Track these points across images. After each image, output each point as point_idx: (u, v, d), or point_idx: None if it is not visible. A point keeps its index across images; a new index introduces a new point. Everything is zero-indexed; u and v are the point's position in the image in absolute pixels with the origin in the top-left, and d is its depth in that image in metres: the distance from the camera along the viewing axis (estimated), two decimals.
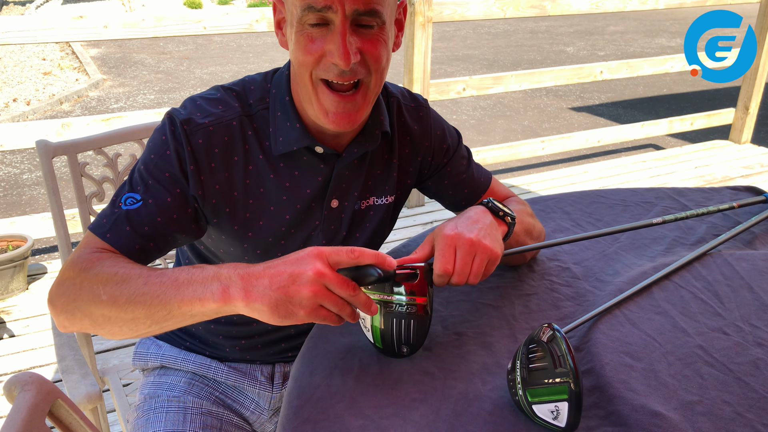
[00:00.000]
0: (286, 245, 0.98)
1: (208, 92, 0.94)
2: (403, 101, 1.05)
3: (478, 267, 0.84)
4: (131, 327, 0.77)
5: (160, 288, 0.74)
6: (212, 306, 0.72)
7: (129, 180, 0.89)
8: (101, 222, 0.86)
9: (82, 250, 0.84)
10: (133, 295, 0.75)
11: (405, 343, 0.82)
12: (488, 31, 10.98)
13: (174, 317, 0.74)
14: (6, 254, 2.48)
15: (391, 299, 0.80)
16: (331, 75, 0.84)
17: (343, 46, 0.80)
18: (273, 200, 0.94)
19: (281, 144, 0.92)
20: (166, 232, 0.88)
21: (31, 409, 0.64)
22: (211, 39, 9.92)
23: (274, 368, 1.13)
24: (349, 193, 0.99)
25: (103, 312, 0.77)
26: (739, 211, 1.29)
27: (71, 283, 0.79)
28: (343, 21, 0.80)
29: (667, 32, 11.09)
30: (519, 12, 3.39)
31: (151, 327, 0.76)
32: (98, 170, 3.86)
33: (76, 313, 0.79)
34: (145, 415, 1.04)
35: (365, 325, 0.84)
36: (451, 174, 1.09)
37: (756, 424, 0.72)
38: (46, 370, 2.13)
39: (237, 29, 2.82)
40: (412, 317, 0.81)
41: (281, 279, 0.70)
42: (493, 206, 0.93)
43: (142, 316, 0.75)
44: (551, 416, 0.70)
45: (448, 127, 1.10)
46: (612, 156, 4.57)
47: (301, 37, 0.83)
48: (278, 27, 0.91)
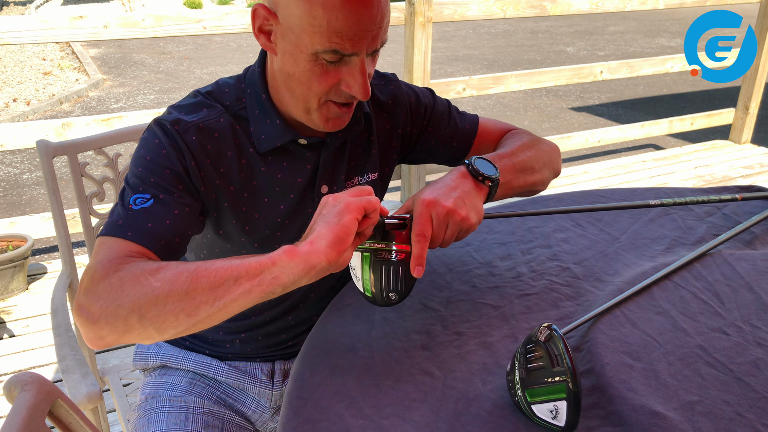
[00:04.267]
0: (282, 237, 1.00)
1: (187, 98, 0.95)
2: (374, 82, 1.07)
3: (450, 235, 0.86)
4: (188, 313, 0.69)
5: (216, 263, 0.70)
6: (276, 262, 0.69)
7: (127, 185, 0.85)
8: (117, 224, 0.79)
9: (104, 255, 0.75)
10: (191, 274, 0.69)
11: (393, 290, 0.84)
12: (488, 31, 10.98)
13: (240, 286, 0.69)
14: (6, 254, 2.48)
15: (381, 246, 0.83)
16: (342, 99, 0.87)
17: (365, 82, 0.84)
18: (266, 192, 0.96)
19: (264, 142, 0.93)
20: (184, 225, 0.84)
21: (31, 409, 0.64)
22: (211, 39, 9.92)
23: (274, 366, 1.13)
24: (336, 177, 1.01)
25: (158, 298, 0.68)
26: (739, 210, 1.29)
27: (107, 284, 0.71)
28: (363, 59, 0.84)
29: (667, 32, 11.09)
30: (519, 12, 3.39)
31: (211, 311, 0.69)
32: (98, 170, 3.86)
33: (119, 312, 0.69)
34: (146, 415, 1.04)
35: (356, 275, 0.86)
36: (434, 133, 1.11)
37: (756, 424, 0.72)
38: (46, 370, 2.13)
39: (237, 29, 2.82)
40: (401, 264, 0.83)
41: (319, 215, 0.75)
42: (473, 170, 0.92)
43: (203, 291, 0.68)
44: (550, 416, 0.70)
45: (420, 89, 1.12)
46: (612, 156, 4.57)
47: (315, 66, 0.84)
48: (260, 31, 0.87)
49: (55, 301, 1.29)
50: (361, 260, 0.84)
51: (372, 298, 0.85)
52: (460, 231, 0.87)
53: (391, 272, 0.83)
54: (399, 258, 0.83)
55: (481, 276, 1.05)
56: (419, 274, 0.81)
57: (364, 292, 0.86)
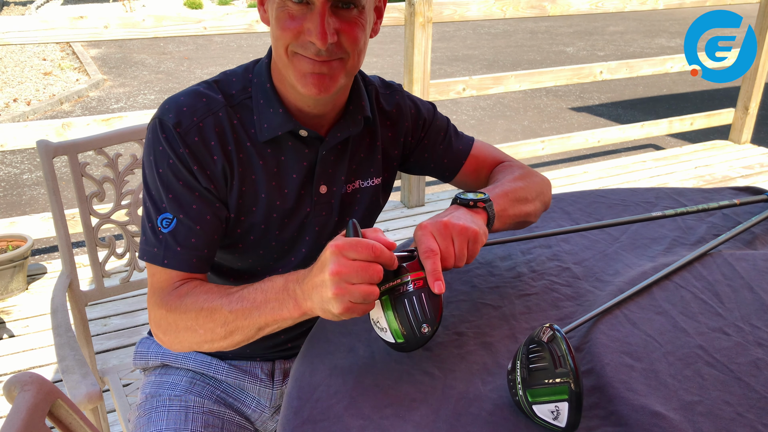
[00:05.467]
0: (281, 234, 1.00)
1: (189, 88, 0.96)
2: (380, 90, 1.09)
3: (460, 248, 0.85)
4: (231, 343, 0.87)
5: (244, 311, 0.83)
6: (294, 316, 0.80)
7: (150, 198, 0.92)
8: (153, 252, 0.92)
9: (156, 287, 0.92)
10: (224, 324, 0.84)
11: (423, 320, 0.79)
12: (488, 32, 10.99)
13: (264, 329, 0.84)
14: (6, 254, 2.48)
15: (396, 282, 0.79)
16: (308, 53, 0.87)
17: (321, 25, 0.84)
18: (263, 187, 0.97)
19: (266, 130, 0.95)
20: (209, 235, 0.93)
21: (31, 409, 0.64)
22: (211, 39, 9.92)
23: (274, 365, 1.13)
24: (336, 178, 1.02)
25: (203, 341, 0.88)
26: (739, 210, 1.29)
27: (167, 324, 0.90)
28: (324, 2, 0.84)
29: (667, 32, 11.09)
30: (519, 12, 3.39)
31: (249, 339, 0.86)
32: (99, 170, 3.86)
33: (179, 346, 0.91)
34: (146, 414, 1.04)
35: (380, 326, 0.81)
36: (428, 146, 1.13)
37: (756, 424, 0.72)
38: (46, 370, 2.13)
39: (237, 29, 2.82)
40: (422, 291, 0.79)
41: (316, 284, 0.76)
42: (461, 200, 0.93)
43: (237, 336, 0.85)
44: (551, 416, 0.70)
45: (422, 102, 1.14)
46: (612, 156, 4.57)
47: (281, 12, 0.86)
48: (260, 3, 0.94)
49: (55, 301, 1.29)
50: (381, 307, 0.79)
51: (405, 342, 0.79)
52: (468, 242, 0.85)
53: (415, 302, 0.78)
54: (418, 286, 0.79)
55: (481, 276, 1.05)
56: (440, 290, 0.78)
57: (396, 339, 0.79)
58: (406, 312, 0.79)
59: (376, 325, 0.81)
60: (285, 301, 0.80)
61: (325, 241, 1.03)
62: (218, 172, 0.93)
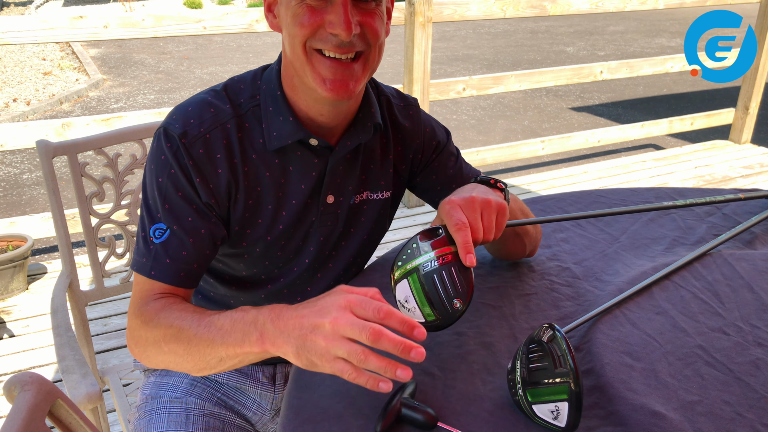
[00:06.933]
0: (286, 245, 0.99)
1: (197, 96, 0.94)
2: (394, 101, 1.06)
3: (488, 220, 0.85)
4: (194, 369, 0.83)
5: (208, 337, 0.78)
6: (254, 351, 0.75)
7: (146, 207, 0.91)
8: (142, 261, 0.90)
9: (136, 296, 0.90)
10: (187, 346, 0.80)
11: (455, 295, 0.77)
12: (488, 31, 10.99)
13: (225, 361, 0.79)
14: (6, 254, 2.48)
15: (421, 260, 0.78)
16: (328, 45, 0.84)
17: (345, 15, 0.82)
18: (270, 199, 0.95)
19: (275, 139, 0.92)
20: (201, 249, 0.90)
21: (31, 409, 0.64)
22: (211, 39, 9.92)
23: (275, 369, 1.13)
24: (344, 188, 1.00)
25: (168, 361, 0.84)
26: (739, 210, 1.29)
27: (138, 336, 0.87)
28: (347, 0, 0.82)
29: (667, 32, 11.09)
30: (519, 12, 3.39)
31: (211, 369, 0.81)
32: (98, 170, 3.86)
33: (147, 361, 0.88)
34: (147, 416, 1.04)
35: (409, 307, 0.78)
36: (438, 169, 1.10)
37: (756, 424, 0.72)
38: (46, 370, 2.13)
39: (237, 29, 2.82)
40: (451, 264, 0.77)
41: (304, 326, 0.70)
42: (483, 178, 0.96)
43: (199, 362, 0.81)
44: (551, 416, 0.70)
45: (438, 124, 1.12)
46: (612, 156, 4.57)
47: (300, 8, 0.84)
48: (269, 10, 0.92)
49: (55, 301, 1.29)
50: (409, 287, 0.77)
51: (436, 320, 0.77)
52: (496, 214, 0.85)
53: (445, 277, 0.77)
54: (447, 260, 0.78)
55: (481, 276, 1.05)
56: (472, 263, 0.77)
57: (426, 319, 0.77)
58: (435, 288, 0.77)
59: (404, 306, 0.79)
60: (250, 333, 0.74)
61: (329, 252, 1.03)
62: (222, 186, 0.90)
